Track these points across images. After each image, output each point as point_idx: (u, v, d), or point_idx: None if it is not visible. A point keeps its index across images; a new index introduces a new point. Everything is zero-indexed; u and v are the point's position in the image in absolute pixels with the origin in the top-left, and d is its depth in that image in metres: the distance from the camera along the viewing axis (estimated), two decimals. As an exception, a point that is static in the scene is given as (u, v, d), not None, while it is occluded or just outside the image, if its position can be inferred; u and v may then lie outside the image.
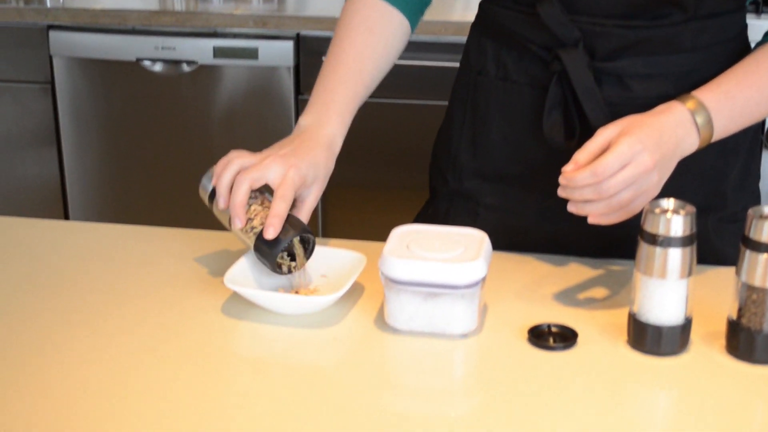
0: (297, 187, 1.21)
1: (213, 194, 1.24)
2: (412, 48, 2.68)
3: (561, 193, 1.15)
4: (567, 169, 1.13)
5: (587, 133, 1.21)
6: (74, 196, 2.90)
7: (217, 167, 1.24)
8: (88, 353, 1.11)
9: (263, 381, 1.07)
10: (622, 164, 1.11)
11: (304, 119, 1.29)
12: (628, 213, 1.16)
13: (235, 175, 1.21)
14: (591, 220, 1.16)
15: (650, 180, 1.13)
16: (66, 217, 2.90)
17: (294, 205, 1.24)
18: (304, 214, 1.24)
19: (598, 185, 1.11)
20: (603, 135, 1.14)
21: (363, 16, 1.35)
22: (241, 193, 1.19)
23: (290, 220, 1.20)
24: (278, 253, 1.19)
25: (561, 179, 1.13)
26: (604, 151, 1.13)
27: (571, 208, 1.16)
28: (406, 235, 1.19)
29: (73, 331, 1.16)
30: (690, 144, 1.18)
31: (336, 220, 2.82)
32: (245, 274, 1.22)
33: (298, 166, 1.21)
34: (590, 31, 1.25)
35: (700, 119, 1.18)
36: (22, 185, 2.89)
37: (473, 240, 1.17)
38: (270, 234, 1.17)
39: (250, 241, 1.21)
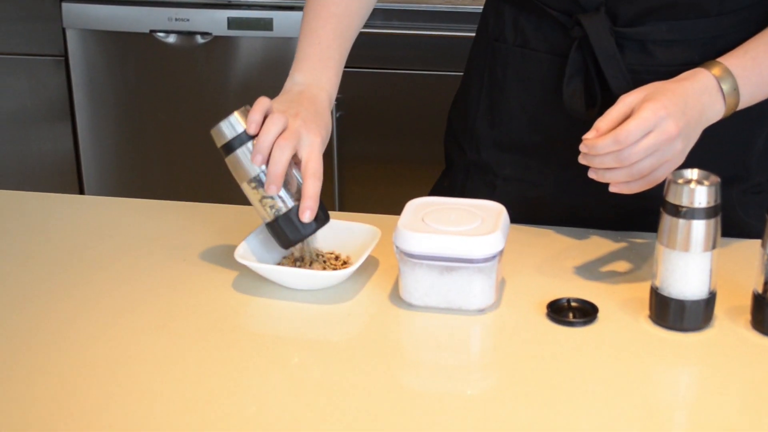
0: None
1: (228, 145, 1.18)
2: (428, 17, 2.66)
3: (582, 160, 1.13)
4: (588, 136, 1.12)
5: (608, 101, 1.19)
6: (89, 170, 2.90)
7: (254, 113, 1.16)
8: (97, 329, 1.10)
9: (276, 358, 1.06)
10: (645, 131, 1.10)
11: (302, 75, 1.25)
12: (651, 182, 1.14)
13: (279, 134, 1.15)
14: (612, 189, 1.15)
15: (674, 148, 1.12)
16: (81, 191, 2.89)
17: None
18: None
19: (620, 152, 1.10)
20: (625, 102, 1.13)
21: None
22: (284, 162, 1.13)
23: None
24: (301, 240, 1.16)
25: (582, 146, 1.12)
26: (626, 119, 1.11)
27: (591, 174, 1.14)
28: (421, 208, 1.17)
29: (82, 306, 1.15)
30: (715, 112, 1.16)
31: (351, 194, 2.80)
32: (256, 249, 1.20)
33: (321, 134, 1.18)
34: (612, -5, 1.23)
35: (726, 86, 1.16)
36: (36, 160, 2.88)
37: (491, 212, 1.15)
38: (307, 217, 1.14)
39: (266, 211, 1.17)
